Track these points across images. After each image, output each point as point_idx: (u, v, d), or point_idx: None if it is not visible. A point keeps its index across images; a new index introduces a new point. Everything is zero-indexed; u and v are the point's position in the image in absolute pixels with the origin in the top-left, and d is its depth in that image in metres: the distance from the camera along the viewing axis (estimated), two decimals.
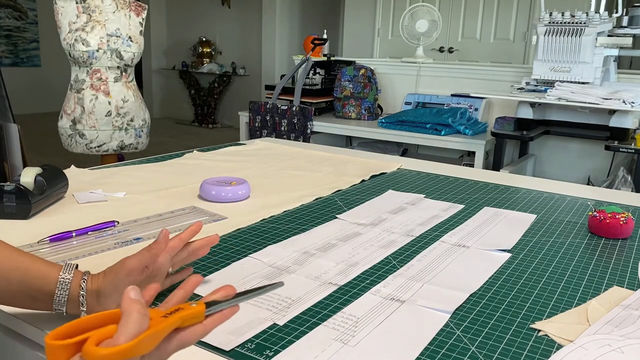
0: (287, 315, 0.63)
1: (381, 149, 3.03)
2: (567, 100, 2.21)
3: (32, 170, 0.96)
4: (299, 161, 1.50)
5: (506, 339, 0.61)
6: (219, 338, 0.58)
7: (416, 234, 0.94)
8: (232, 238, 0.89)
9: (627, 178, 2.21)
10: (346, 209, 1.08)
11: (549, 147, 2.77)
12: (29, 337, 0.61)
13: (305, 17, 6.62)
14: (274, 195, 1.14)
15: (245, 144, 1.71)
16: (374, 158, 1.60)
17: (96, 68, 2.59)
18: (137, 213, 0.99)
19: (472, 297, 0.71)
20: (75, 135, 2.65)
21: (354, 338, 0.60)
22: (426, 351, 0.58)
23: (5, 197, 0.91)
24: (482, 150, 2.50)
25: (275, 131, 2.97)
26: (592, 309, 0.68)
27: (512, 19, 4.65)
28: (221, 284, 0.70)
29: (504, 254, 0.87)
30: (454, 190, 1.27)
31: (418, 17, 3.19)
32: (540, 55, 2.38)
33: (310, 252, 0.84)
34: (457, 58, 4.87)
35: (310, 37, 3.52)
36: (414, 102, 3.07)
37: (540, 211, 1.11)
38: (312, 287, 0.72)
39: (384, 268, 0.80)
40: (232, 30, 7.05)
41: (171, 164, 1.39)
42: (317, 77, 3.23)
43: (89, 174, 1.25)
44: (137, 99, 2.75)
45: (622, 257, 0.88)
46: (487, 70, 2.99)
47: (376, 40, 5.22)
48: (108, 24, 2.57)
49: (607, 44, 2.30)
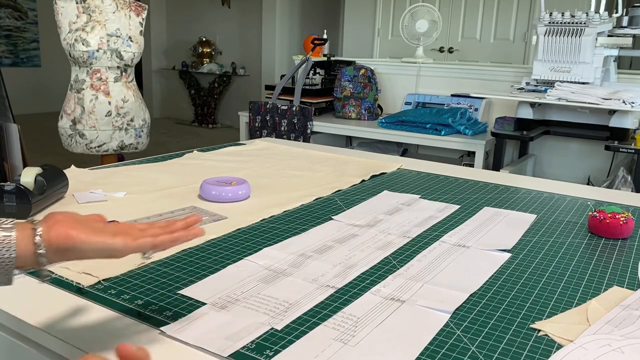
0: (284, 320, 0.63)
1: (381, 149, 3.03)
2: (567, 101, 2.21)
3: (32, 170, 0.96)
4: (299, 161, 1.50)
5: (506, 339, 0.61)
6: (216, 343, 0.58)
7: (412, 235, 0.94)
8: (232, 238, 0.89)
9: (627, 178, 2.21)
10: (346, 209, 1.08)
11: (549, 147, 2.77)
12: (40, 342, 0.61)
13: (305, 17, 6.62)
14: (274, 196, 1.14)
15: (245, 144, 1.71)
16: (374, 158, 1.60)
17: (96, 68, 2.59)
18: (137, 213, 0.99)
19: (472, 297, 0.71)
20: (75, 135, 2.65)
21: (354, 338, 0.60)
22: (426, 351, 0.58)
23: (6, 197, 0.91)
24: (482, 150, 2.50)
25: (275, 131, 2.97)
26: (592, 309, 0.68)
27: (512, 19, 4.65)
28: (215, 287, 0.71)
29: (504, 254, 0.87)
30: (454, 190, 1.27)
31: (418, 17, 3.19)
32: (540, 56, 2.38)
33: (306, 254, 0.84)
34: (457, 58, 4.87)
35: (310, 37, 3.52)
36: (414, 102, 3.07)
37: (540, 211, 1.11)
38: (310, 290, 0.71)
39: (384, 268, 0.80)
40: (232, 30, 7.05)
41: (171, 164, 1.39)
42: (317, 77, 3.23)
43: (89, 174, 1.25)
44: (137, 99, 2.75)
45: (622, 257, 0.88)
46: (487, 71, 2.99)
47: (376, 40, 5.22)
48: (108, 24, 2.57)
49: (607, 44, 2.30)
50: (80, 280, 0.71)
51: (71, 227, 0.55)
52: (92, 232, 0.55)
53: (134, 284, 0.71)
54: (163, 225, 0.62)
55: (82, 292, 0.68)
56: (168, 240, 0.59)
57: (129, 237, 0.56)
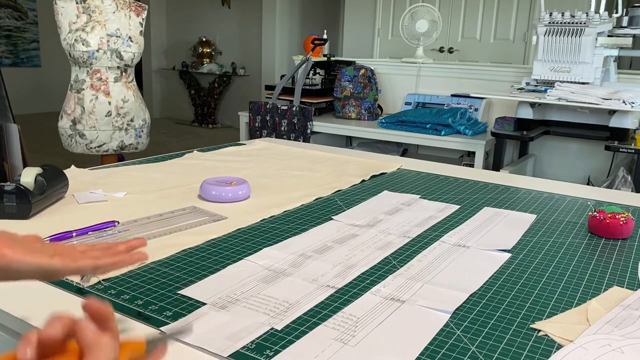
0: (284, 320, 0.63)
1: (381, 149, 3.03)
2: (567, 101, 2.21)
3: (32, 170, 0.96)
4: (299, 161, 1.50)
5: (506, 339, 0.61)
6: (216, 343, 0.57)
7: (412, 235, 0.94)
8: (232, 238, 0.89)
9: (627, 178, 2.21)
10: (346, 209, 1.08)
11: (549, 147, 2.77)
12: None
13: (305, 17, 6.62)
14: (274, 196, 1.14)
15: (245, 144, 1.71)
16: (374, 158, 1.60)
17: (96, 68, 2.59)
18: (137, 213, 0.99)
19: (472, 297, 0.71)
20: (75, 135, 2.65)
21: (354, 338, 0.60)
22: (426, 351, 0.58)
23: (6, 197, 0.91)
24: (482, 151, 2.50)
25: (275, 131, 2.97)
26: (592, 309, 0.68)
27: (512, 19, 4.65)
28: (215, 287, 0.71)
29: (504, 254, 0.87)
30: (454, 190, 1.27)
31: (418, 17, 3.19)
32: (540, 56, 2.38)
33: (306, 254, 0.83)
34: (457, 58, 4.87)
35: (310, 37, 3.52)
36: (414, 102, 3.07)
37: (540, 211, 1.11)
38: (310, 290, 0.71)
39: (384, 268, 0.80)
40: (232, 30, 7.05)
41: (171, 164, 1.39)
42: (317, 77, 3.23)
43: (89, 174, 1.25)
44: (137, 99, 2.75)
45: (622, 257, 0.88)
46: (487, 71, 2.99)
47: (376, 40, 5.22)
48: (108, 24, 2.57)
49: (607, 44, 2.30)
50: (80, 280, 0.70)
51: (5, 245, 0.51)
52: (28, 251, 0.52)
53: (134, 284, 0.71)
54: (105, 247, 0.60)
55: (82, 292, 0.68)
56: (110, 263, 0.57)
57: (68, 258, 0.54)
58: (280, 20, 6.37)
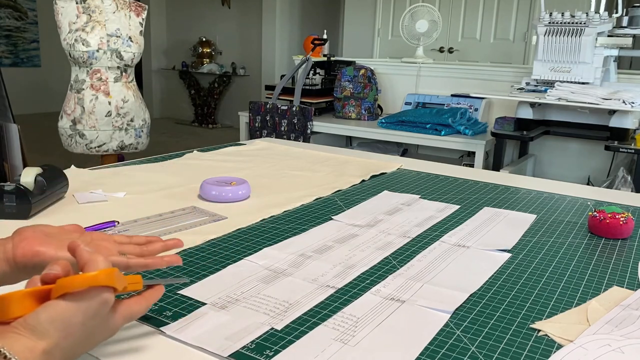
0: (284, 320, 0.63)
1: (381, 149, 3.03)
2: (567, 101, 2.21)
3: (32, 170, 0.96)
4: (299, 161, 1.50)
5: (506, 339, 0.61)
6: (216, 343, 0.57)
7: (412, 235, 0.94)
8: (232, 238, 0.89)
9: (627, 178, 2.21)
10: (346, 209, 1.08)
11: (549, 147, 2.77)
12: None
13: (305, 17, 6.62)
14: (274, 196, 1.14)
15: (245, 144, 1.71)
16: (374, 158, 1.60)
17: (96, 68, 2.59)
18: (137, 213, 0.99)
19: (472, 297, 0.71)
20: (75, 135, 2.65)
21: (354, 338, 0.60)
22: (426, 351, 0.58)
23: (6, 197, 0.91)
24: (482, 151, 2.51)
25: (275, 131, 2.97)
26: (592, 309, 0.68)
27: (512, 19, 4.65)
28: (215, 287, 0.71)
29: (504, 254, 0.87)
30: (454, 190, 1.27)
31: (418, 17, 3.19)
32: (540, 56, 2.38)
33: (306, 254, 0.83)
34: (457, 58, 4.87)
35: (310, 37, 3.52)
36: (414, 102, 3.07)
37: (540, 211, 1.11)
38: (310, 290, 0.71)
39: (384, 268, 0.80)
40: (232, 30, 7.05)
41: (171, 164, 1.39)
42: (317, 77, 3.23)
43: (89, 174, 1.25)
44: (137, 99, 2.75)
45: (622, 257, 0.88)
46: (487, 71, 2.99)
47: (376, 40, 5.22)
48: (108, 24, 2.57)
49: (607, 44, 2.30)
50: None
51: (39, 243, 0.52)
52: (60, 248, 0.53)
53: None
54: (142, 242, 0.60)
55: None
56: (141, 265, 0.58)
57: (102, 253, 0.54)
58: (280, 20, 6.38)
